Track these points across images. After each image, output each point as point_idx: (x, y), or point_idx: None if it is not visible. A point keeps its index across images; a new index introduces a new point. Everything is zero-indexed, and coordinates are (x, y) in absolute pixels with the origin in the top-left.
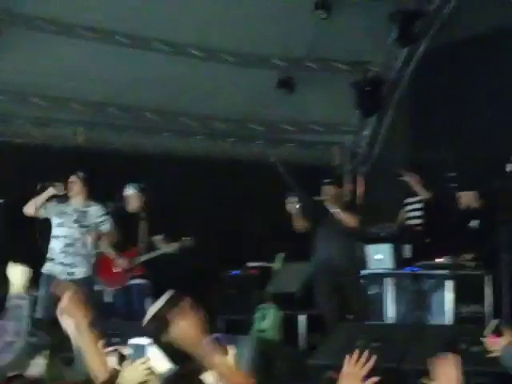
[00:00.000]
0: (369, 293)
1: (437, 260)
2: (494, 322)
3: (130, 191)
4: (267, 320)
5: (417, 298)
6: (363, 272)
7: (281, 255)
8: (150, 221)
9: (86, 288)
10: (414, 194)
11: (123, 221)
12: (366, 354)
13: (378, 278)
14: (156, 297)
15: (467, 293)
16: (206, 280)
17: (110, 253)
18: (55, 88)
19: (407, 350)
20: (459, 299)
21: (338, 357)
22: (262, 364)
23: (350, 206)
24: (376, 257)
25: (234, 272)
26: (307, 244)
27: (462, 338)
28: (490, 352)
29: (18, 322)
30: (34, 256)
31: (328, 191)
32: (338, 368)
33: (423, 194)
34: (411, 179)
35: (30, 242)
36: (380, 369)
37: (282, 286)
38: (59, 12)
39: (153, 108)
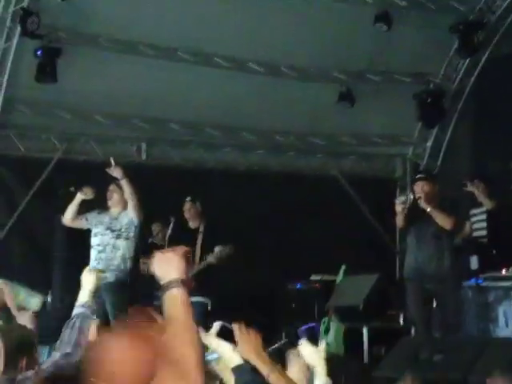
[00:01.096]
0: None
1: (503, 271)
2: None
3: (190, 205)
4: (331, 333)
5: (482, 310)
6: None
7: (342, 268)
8: (209, 235)
9: (117, 290)
10: (479, 205)
11: (184, 235)
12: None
13: None
14: (216, 314)
15: None
16: (269, 293)
17: None
18: (118, 105)
19: (473, 363)
20: None
21: (403, 369)
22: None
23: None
24: None
25: (298, 285)
26: (370, 256)
27: None
28: None
29: (81, 333)
30: None
31: (422, 188)
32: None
33: (487, 204)
34: (477, 189)
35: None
36: (445, 381)
37: (344, 299)
38: (121, 30)
39: (213, 123)
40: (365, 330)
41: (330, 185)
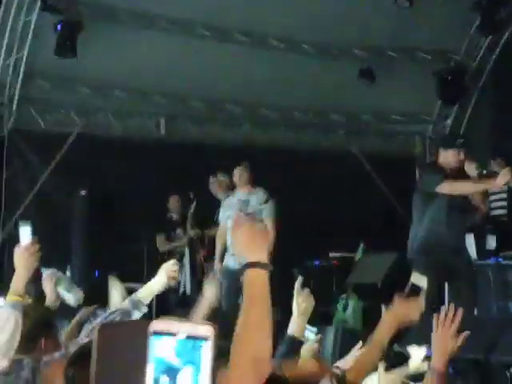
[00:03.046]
0: None
1: None
2: None
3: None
4: (349, 310)
5: (501, 288)
6: None
7: (361, 246)
8: None
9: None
10: None
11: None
12: (452, 308)
13: None
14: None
15: None
16: (287, 270)
17: None
18: (137, 80)
19: (493, 342)
20: None
21: (423, 345)
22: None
23: None
24: None
25: (316, 262)
26: (388, 234)
27: None
28: None
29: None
30: (119, 242)
31: (461, 156)
32: None
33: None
34: (501, 167)
35: (113, 232)
36: (466, 360)
37: (363, 277)
38: (141, 5)
39: (233, 100)
40: (383, 308)
41: (350, 162)
